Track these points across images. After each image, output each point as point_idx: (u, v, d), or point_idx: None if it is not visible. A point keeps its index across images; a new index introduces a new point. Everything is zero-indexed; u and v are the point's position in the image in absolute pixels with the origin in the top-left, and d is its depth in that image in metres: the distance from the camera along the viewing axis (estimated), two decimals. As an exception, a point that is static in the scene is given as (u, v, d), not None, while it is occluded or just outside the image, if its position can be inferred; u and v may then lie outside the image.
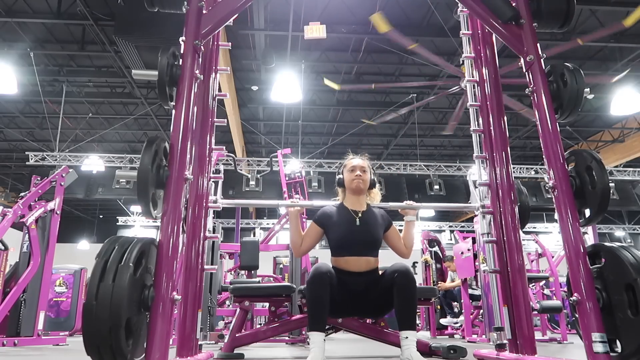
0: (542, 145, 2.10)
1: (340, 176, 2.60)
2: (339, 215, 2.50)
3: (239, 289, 3.01)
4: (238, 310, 3.01)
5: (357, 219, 2.46)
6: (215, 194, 2.49)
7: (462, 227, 17.66)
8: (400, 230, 2.61)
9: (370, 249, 2.44)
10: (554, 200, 2.02)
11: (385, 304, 2.37)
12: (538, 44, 2.21)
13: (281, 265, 8.26)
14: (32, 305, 4.56)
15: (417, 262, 7.76)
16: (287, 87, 8.78)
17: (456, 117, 8.69)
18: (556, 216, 1.99)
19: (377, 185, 2.67)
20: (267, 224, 17.74)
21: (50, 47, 8.92)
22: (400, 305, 2.22)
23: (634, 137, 11.97)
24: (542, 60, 2.19)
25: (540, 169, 12.15)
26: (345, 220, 2.47)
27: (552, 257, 6.30)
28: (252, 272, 5.81)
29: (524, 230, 2.39)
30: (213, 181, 2.49)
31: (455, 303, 6.71)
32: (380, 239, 2.50)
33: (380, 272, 2.46)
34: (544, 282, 6.83)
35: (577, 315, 1.86)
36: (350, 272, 2.40)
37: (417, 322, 8.14)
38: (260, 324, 5.61)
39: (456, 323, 6.26)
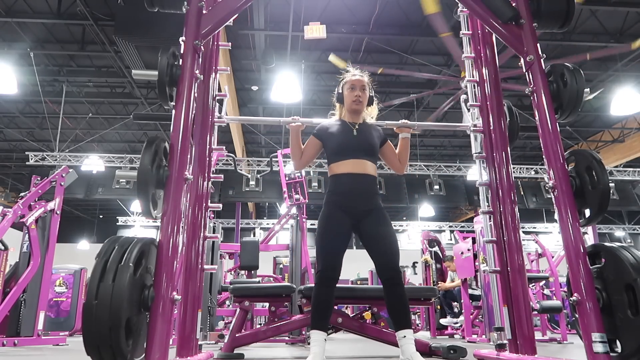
0: (542, 145, 2.10)
1: (340, 92, 2.60)
2: (336, 127, 2.52)
3: (239, 289, 3.01)
4: (238, 310, 3.01)
5: (355, 130, 2.48)
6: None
7: (462, 227, 17.66)
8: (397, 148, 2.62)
9: (368, 155, 2.43)
10: (553, 200, 2.02)
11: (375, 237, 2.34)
12: (538, 44, 2.21)
13: (281, 265, 8.26)
14: (32, 305, 4.56)
15: (417, 262, 7.75)
16: (287, 87, 8.77)
17: (434, 117, 8.67)
18: (556, 216, 1.99)
19: (375, 101, 2.65)
20: (267, 224, 17.74)
21: (50, 47, 8.91)
22: (391, 307, 2.21)
23: (634, 137, 11.96)
24: (542, 60, 2.19)
25: (540, 169, 12.15)
26: (343, 130, 2.49)
27: (552, 257, 6.30)
28: (252, 272, 5.82)
29: (524, 230, 2.40)
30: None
31: (455, 303, 6.71)
32: (377, 147, 2.50)
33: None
34: (544, 282, 6.83)
35: (577, 315, 1.86)
36: (347, 173, 2.38)
37: (418, 322, 8.15)
38: (260, 324, 5.61)
39: (456, 323, 6.26)
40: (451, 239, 16.60)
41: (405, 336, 2.13)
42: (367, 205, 2.34)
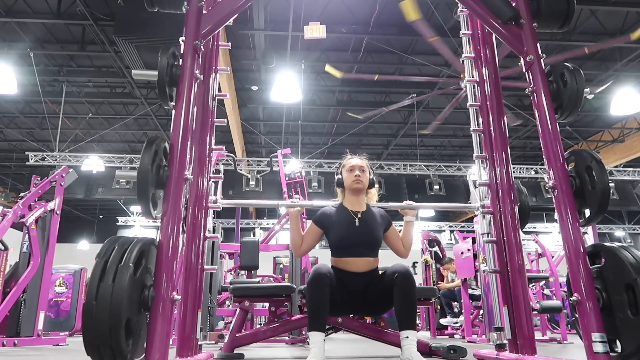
0: (542, 145, 2.09)
1: (339, 176, 2.61)
2: (338, 216, 2.50)
3: (239, 289, 3.01)
4: (238, 310, 3.01)
5: (357, 220, 2.47)
6: (215, 194, 2.49)
7: (462, 227, 17.65)
8: (400, 230, 2.62)
9: (370, 250, 2.45)
10: (553, 200, 2.02)
11: (384, 303, 2.38)
12: (538, 44, 2.21)
13: (281, 265, 8.26)
14: (32, 305, 4.56)
15: (417, 262, 7.75)
16: (287, 87, 8.77)
17: (441, 118, 8.68)
18: (556, 216, 1.99)
19: (376, 185, 2.67)
20: (267, 224, 17.73)
21: (50, 47, 8.91)
22: (400, 305, 2.23)
23: (634, 137, 11.96)
24: (542, 60, 2.19)
25: (540, 169, 12.15)
26: (345, 220, 2.47)
27: (552, 257, 6.30)
28: (252, 272, 5.81)
29: (524, 230, 2.39)
30: (213, 181, 2.50)
31: (455, 303, 6.71)
32: (379, 239, 2.50)
33: (380, 272, 2.47)
34: (544, 282, 6.83)
35: (577, 315, 1.85)
36: (350, 272, 2.41)
37: (417, 322, 8.15)
38: (260, 324, 5.61)
39: (456, 323, 6.26)
40: (451, 239, 16.60)
41: (408, 337, 2.14)
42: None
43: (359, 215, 2.49)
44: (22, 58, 8.82)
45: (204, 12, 2.18)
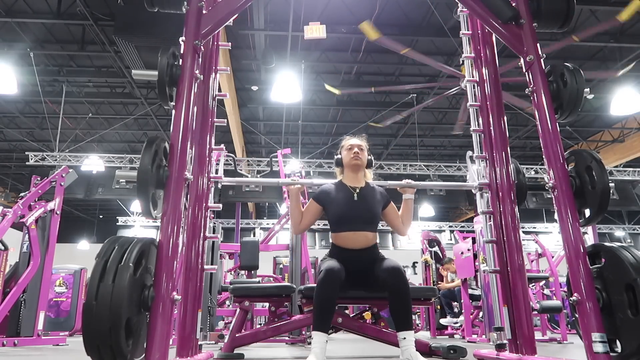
0: (542, 145, 2.10)
1: (339, 156, 2.65)
2: (337, 192, 2.54)
3: (239, 289, 3.01)
4: (238, 310, 3.01)
5: (356, 195, 2.50)
6: (215, 194, 2.51)
7: (462, 227, 17.66)
8: (399, 208, 2.65)
9: (369, 224, 2.47)
10: (554, 200, 2.02)
11: (381, 286, 2.39)
12: (538, 44, 2.21)
13: (281, 265, 8.26)
14: (32, 305, 4.56)
15: (417, 262, 7.75)
16: (287, 87, 8.77)
17: (462, 116, 8.58)
18: (556, 216, 1.99)
19: (371, 167, 2.71)
20: (267, 224, 17.73)
21: (50, 47, 8.91)
22: (394, 306, 2.22)
23: (634, 137, 11.96)
24: (542, 60, 2.19)
25: (540, 169, 12.15)
26: (344, 196, 2.51)
27: (552, 257, 6.30)
28: (252, 272, 5.81)
29: (524, 230, 2.41)
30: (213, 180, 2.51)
31: (455, 303, 6.71)
32: (378, 214, 2.53)
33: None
34: (544, 282, 6.83)
35: (577, 315, 1.86)
36: (349, 249, 2.43)
37: (418, 322, 8.15)
38: (260, 324, 5.61)
39: (456, 323, 6.26)
40: (451, 239, 16.60)
41: (405, 338, 2.14)
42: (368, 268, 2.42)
43: (358, 191, 2.52)
44: (22, 58, 8.82)
45: (204, 12, 2.18)
